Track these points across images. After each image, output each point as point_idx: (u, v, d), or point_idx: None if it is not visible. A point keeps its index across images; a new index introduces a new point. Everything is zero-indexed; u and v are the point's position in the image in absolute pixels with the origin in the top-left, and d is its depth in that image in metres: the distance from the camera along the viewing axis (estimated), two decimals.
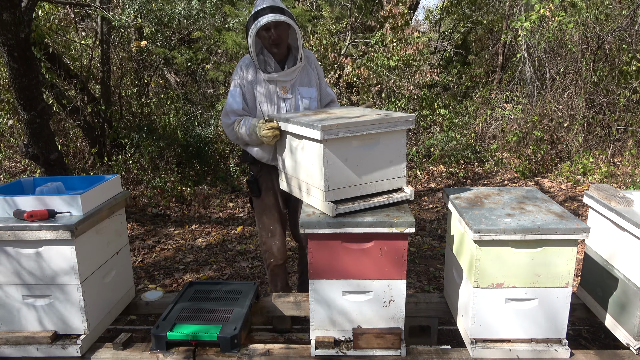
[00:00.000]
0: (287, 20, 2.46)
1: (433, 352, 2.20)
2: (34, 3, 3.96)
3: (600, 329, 2.96)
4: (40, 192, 2.36)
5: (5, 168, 6.18)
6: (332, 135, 2.03)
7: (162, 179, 5.81)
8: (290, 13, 2.52)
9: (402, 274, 2.14)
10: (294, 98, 2.64)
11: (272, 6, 2.47)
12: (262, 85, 2.61)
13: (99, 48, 6.25)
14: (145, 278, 3.98)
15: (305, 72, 2.68)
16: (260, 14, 2.46)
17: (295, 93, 2.65)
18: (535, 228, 2.02)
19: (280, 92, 2.62)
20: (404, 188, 2.29)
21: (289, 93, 2.63)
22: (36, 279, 2.18)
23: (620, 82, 7.18)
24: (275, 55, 2.60)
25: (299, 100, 2.65)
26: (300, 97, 2.65)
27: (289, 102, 2.64)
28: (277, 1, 2.53)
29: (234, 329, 2.20)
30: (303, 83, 2.66)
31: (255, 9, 2.51)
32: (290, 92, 2.63)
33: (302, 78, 2.67)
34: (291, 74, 2.61)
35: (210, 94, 8.51)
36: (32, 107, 4.03)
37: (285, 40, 2.58)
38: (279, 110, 2.64)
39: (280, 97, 2.62)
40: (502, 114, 7.75)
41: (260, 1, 2.53)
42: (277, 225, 2.83)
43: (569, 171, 6.52)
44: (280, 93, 2.62)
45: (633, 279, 2.14)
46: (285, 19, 2.44)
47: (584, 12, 6.71)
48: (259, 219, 2.86)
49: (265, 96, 2.62)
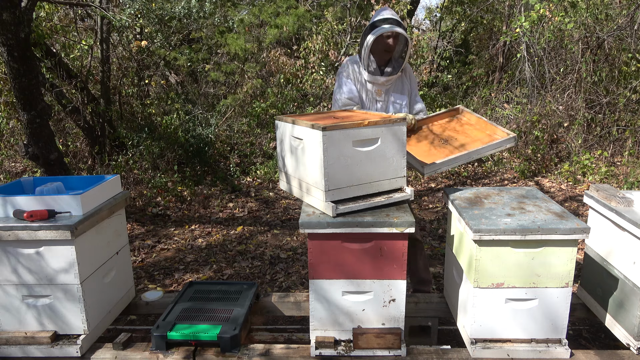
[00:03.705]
0: (407, 36, 2.81)
1: (433, 352, 2.20)
2: (34, 3, 3.95)
3: (600, 329, 2.96)
4: (40, 192, 2.36)
5: (5, 168, 6.18)
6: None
7: (162, 179, 5.81)
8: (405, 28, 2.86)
9: (402, 274, 2.14)
10: (386, 101, 2.96)
11: (396, 20, 2.81)
12: (362, 83, 2.94)
13: (99, 48, 6.25)
14: (145, 278, 3.98)
15: (400, 81, 2.98)
16: (386, 22, 2.78)
17: (388, 97, 2.95)
18: (535, 228, 2.02)
19: (375, 93, 2.94)
20: (404, 188, 2.29)
21: (382, 96, 2.94)
22: (36, 279, 2.18)
23: (620, 82, 7.18)
24: (379, 60, 2.89)
25: (390, 104, 2.96)
26: (391, 101, 2.96)
27: (381, 104, 2.97)
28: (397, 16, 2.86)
29: (234, 329, 2.21)
30: (396, 90, 2.97)
31: (380, 16, 2.83)
32: (384, 95, 2.95)
33: (397, 85, 2.97)
34: (389, 80, 2.91)
35: (211, 94, 8.51)
36: (32, 107, 4.03)
37: (394, 50, 2.88)
38: (372, 108, 2.97)
39: (375, 98, 2.95)
40: (502, 114, 7.75)
41: (385, 12, 2.85)
42: None
43: (569, 171, 6.53)
44: (375, 94, 2.95)
45: (633, 278, 2.14)
46: (406, 35, 2.80)
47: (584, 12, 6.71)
48: None
49: (363, 93, 2.95)
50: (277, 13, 7.79)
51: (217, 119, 7.32)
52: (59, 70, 5.58)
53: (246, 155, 7.20)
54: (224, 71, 8.03)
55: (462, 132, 2.81)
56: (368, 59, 2.86)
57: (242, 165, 6.97)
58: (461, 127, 2.86)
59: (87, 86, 6.11)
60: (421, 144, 2.79)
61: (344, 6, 8.03)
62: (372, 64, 2.89)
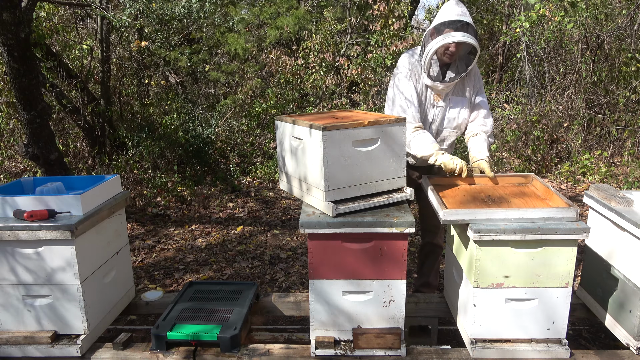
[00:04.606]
0: (475, 44, 2.46)
1: (433, 352, 2.20)
2: (34, 3, 3.95)
3: (600, 329, 2.96)
4: (40, 192, 2.35)
5: (5, 168, 6.18)
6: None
7: (162, 179, 5.81)
8: (475, 30, 2.49)
9: (402, 274, 2.14)
10: (444, 107, 2.71)
11: (464, 23, 2.45)
12: (421, 86, 2.68)
13: (99, 48, 6.25)
14: (145, 278, 3.98)
15: (462, 82, 2.71)
16: (453, 25, 2.45)
17: (447, 101, 2.71)
18: (535, 228, 2.02)
19: (433, 99, 2.70)
20: (404, 188, 2.29)
21: (441, 101, 2.70)
22: (36, 278, 2.18)
23: (619, 82, 7.18)
24: (441, 62, 2.63)
25: (448, 109, 2.72)
26: (450, 106, 2.71)
27: (439, 109, 2.72)
28: (467, 14, 2.50)
29: (234, 329, 2.20)
30: (457, 93, 2.71)
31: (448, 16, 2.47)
32: (443, 100, 2.70)
33: (458, 88, 2.71)
34: (451, 85, 2.65)
35: (211, 94, 8.51)
36: (32, 107, 4.03)
37: (458, 55, 2.60)
38: (426, 116, 2.72)
39: (432, 103, 2.70)
40: (502, 114, 7.75)
41: (453, 8, 2.49)
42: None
43: (569, 171, 6.52)
44: (433, 99, 2.70)
45: (633, 278, 2.14)
46: (474, 42, 2.45)
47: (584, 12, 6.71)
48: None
49: (422, 98, 2.69)
50: (277, 13, 7.80)
51: (217, 119, 7.32)
52: (59, 71, 5.58)
53: (246, 155, 7.20)
54: (224, 71, 8.03)
55: (519, 196, 2.42)
56: (429, 64, 2.59)
57: (242, 165, 6.96)
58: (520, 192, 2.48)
59: (87, 86, 6.11)
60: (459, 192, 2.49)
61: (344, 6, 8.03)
62: (434, 67, 2.62)
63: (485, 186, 2.56)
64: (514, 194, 2.44)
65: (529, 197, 2.38)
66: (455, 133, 2.80)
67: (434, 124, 2.76)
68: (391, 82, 2.76)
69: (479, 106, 2.75)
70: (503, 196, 2.40)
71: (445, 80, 2.62)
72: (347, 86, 7.65)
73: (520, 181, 2.60)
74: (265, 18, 7.78)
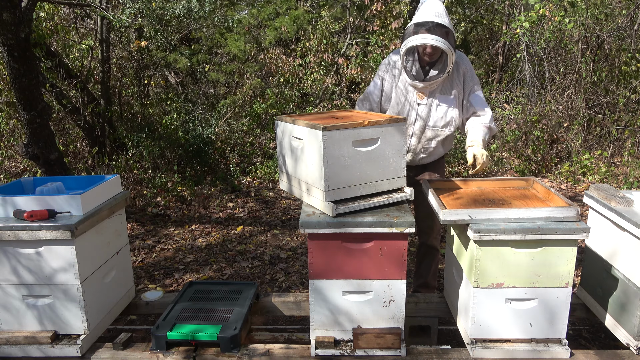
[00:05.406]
0: (444, 47, 2.41)
1: (433, 352, 2.20)
2: (34, 3, 3.95)
3: (600, 329, 2.96)
4: (40, 192, 2.35)
5: (5, 168, 6.18)
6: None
7: (162, 179, 5.81)
8: (452, 31, 2.45)
9: (402, 274, 2.14)
10: (429, 105, 2.66)
11: (435, 24, 2.41)
12: (403, 85, 2.67)
13: (99, 48, 6.25)
14: (145, 278, 3.98)
15: (449, 80, 2.64)
16: (423, 27, 2.42)
17: (434, 99, 2.66)
18: (535, 228, 2.02)
19: (416, 97, 2.66)
20: (404, 188, 2.29)
21: (425, 99, 2.66)
22: (36, 278, 2.18)
23: (620, 82, 7.18)
24: (423, 61, 2.60)
25: (434, 108, 2.67)
26: (436, 104, 2.66)
27: (422, 107, 2.67)
28: (441, 13, 2.45)
29: (234, 329, 2.20)
30: (444, 91, 2.65)
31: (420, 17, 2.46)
32: (427, 97, 2.66)
33: (445, 86, 2.65)
34: (432, 84, 2.60)
35: (211, 94, 8.51)
36: (32, 107, 4.03)
37: (434, 55, 2.55)
38: (409, 114, 2.69)
39: (415, 101, 2.67)
40: (502, 114, 7.75)
41: (428, 7, 2.46)
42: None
43: (569, 171, 6.52)
44: (417, 98, 2.66)
45: (633, 278, 2.14)
46: (443, 46, 2.40)
47: (584, 12, 6.71)
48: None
49: (401, 97, 2.68)
50: (276, 14, 7.79)
51: (217, 119, 7.32)
52: (59, 71, 5.58)
53: (246, 155, 7.20)
54: (224, 71, 8.03)
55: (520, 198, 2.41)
56: (405, 64, 2.59)
57: (242, 165, 6.96)
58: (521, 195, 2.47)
59: (87, 86, 6.11)
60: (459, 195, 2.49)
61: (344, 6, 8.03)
62: (413, 66, 2.59)
63: (486, 190, 2.56)
64: (514, 196, 2.44)
65: (530, 200, 2.38)
66: (444, 131, 2.73)
67: (418, 122, 2.71)
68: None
69: (475, 101, 2.70)
70: (504, 199, 2.40)
71: (427, 79, 2.59)
72: (347, 86, 7.65)
73: (522, 184, 2.59)
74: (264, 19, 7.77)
